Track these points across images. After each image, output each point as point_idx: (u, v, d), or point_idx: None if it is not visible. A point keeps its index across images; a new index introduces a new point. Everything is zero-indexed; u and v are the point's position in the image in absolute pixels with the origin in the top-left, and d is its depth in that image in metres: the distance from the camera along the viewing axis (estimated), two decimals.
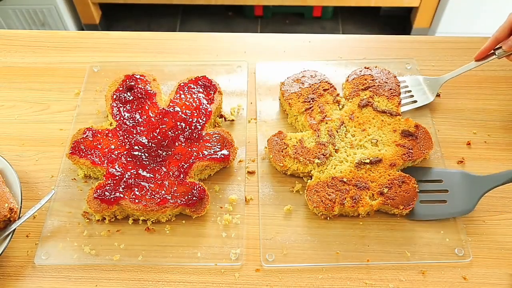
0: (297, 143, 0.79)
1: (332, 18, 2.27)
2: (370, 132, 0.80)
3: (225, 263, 0.70)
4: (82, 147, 0.77)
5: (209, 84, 0.86)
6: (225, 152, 0.77)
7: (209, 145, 0.78)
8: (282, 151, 0.78)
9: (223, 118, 0.86)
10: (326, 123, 0.81)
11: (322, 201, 0.72)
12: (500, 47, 0.80)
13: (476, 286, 0.68)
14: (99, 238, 0.73)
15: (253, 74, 0.93)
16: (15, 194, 0.73)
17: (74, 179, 0.79)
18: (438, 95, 0.89)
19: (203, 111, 0.82)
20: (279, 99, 0.89)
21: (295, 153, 0.77)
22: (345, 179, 0.74)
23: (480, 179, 0.74)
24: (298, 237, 0.72)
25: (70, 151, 0.77)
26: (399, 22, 2.22)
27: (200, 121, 0.81)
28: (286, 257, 0.70)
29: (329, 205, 0.72)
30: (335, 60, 0.96)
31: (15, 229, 0.70)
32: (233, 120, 0.87)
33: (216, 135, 0.79)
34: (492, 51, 0.82)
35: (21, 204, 0.72)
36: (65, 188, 0.78)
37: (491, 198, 0.76)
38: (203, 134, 0.79)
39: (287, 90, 0.86)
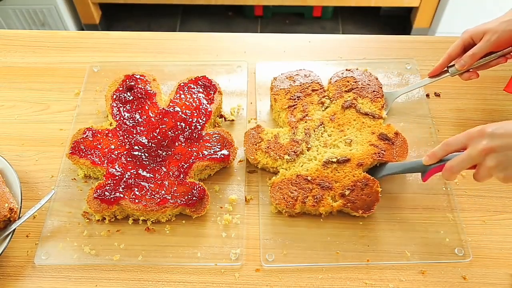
0: (272, 138, 0.79)
1: (332, 18, 2.27)
2: (348, 132, 0.80)
3: (225, 263, 0.70)
4: (82, 147, 0.77)
5: (209, 84, 0.86)
6: (225, 152, 0.77)
7: (209, 145, 0.78)
8: (255, 145, 0.78)
9: (223, 118, 0.86)
10: (306, 122, 0.81)
11: (284, 198, 0.72)
12: (454, 65, 0.81)
13: (476, 286, 0.68)
14: (99, 238, 0.73)
15: (253, 74, 0.93)
16: (15, 194, 0.73)
17: (74, 179, 0.79)
18: (438, 95, 0.90)
19: (203, 111, 0.82)
20: (270, 96, 0.88)
21: (267, 147, 0.78)
22: (309, 178, 0.74)
23: (382, 166, 0.76)
24: (298, 237, 0.72)
25: (70, 151, 0.77)
26: (399, 22, 2.22)
27: (200, 121, 0.81)
28: (286, 257, 0.70)
29: (290, 202, 0.72)
30: (335, 60, 0.96)
31: (15, 229, 0.70)
32: (233, 120, 0.87)
33: (216, 135, 0.79)
34: (446, 68, 0.82)
35: (21, 204, 0.72)
36: (65, 188, 0.78)
37: (491, 198, 0.76)
38: (203, 134, 0.79)
39: (277, 85, 0.86)
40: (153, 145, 0.78)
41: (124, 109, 0.82)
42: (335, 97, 0.84)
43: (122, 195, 0.72)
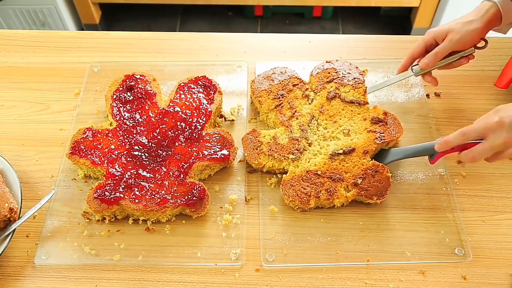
0: (271, 140, 0.79)
1: (332, 18, 2.27)
2: (342, 123, 0.80)
3: (225, 263, 0.70)
4: (82, 147, 0.77)
5: (209, 84, 0.86)
6: (225, 152, 0.77)
7: (209, 145, 0.78)
8: (256, 149, 0.78)
9: (223, 118, 0.86)
10: (297, 118, 0.81)
11: (297, 195, 0.72)
12: (417, 65, 0.82)
13: (476, 286, 0.68)
14: (99, 238, 0.73)
15: (253, 74, 0.93)
16: (15, 194, 0.73)
17: (74, 179, 0.79)
18: (438, 95, 0.90)
19: (203, 111, 0.82)
20: (251, 98, 0.89)
21: (270, 150, 0.78)
22: (319, 172, 0.74)
23: (388, 151, 0.77)
24: (298, 237, 0.72)
25: (70, 151, 0.77)
26: (399, 22, 2.22)
27: (200, 121, 0.81)
28: (286, 257, 0.70)
29: (304, 198, 0.72)
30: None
31: (15, 229, 0.70)
32: (233, 120, 0.87)
33: (216, 135, 0.79)
34: (410, 68, 0.83)
35: (21, 204, 0.72)
36: (65, 188, 0.78)
37: (491, 198, 0.76)
38: (203, 134, 0.79)
39: (257, 87, 0.86)
40: (153, 145, 0.78)
41: (124, 109, 0.82)
42: (318, 89, 0.85)
43: (122, 195, 0.72)
